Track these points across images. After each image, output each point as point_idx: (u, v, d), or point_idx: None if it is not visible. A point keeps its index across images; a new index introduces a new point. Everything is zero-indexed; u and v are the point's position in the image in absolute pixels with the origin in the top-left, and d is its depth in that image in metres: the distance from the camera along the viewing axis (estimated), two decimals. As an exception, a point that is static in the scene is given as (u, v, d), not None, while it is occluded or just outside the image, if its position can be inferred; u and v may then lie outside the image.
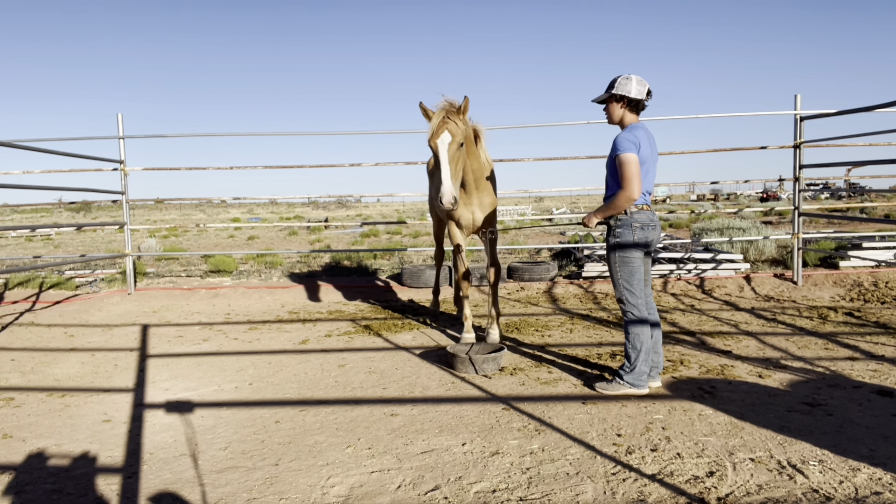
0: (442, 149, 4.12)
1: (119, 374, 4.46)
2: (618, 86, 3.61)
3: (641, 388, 3.63)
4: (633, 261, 3.63)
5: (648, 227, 3.62)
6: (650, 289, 3.83)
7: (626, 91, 3.59)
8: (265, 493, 2.59)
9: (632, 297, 3.63)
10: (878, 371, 3.95)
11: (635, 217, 3.60)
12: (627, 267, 3.63)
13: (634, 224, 3.59)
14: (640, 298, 3.64)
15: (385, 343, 5.20)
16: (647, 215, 3.63)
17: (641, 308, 3.64)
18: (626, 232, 3.61)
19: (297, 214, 43.24)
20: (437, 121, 4.16)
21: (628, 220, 3.60)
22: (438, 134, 4.13)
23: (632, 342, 3.64)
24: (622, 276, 3.64)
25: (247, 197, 8.29)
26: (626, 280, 3.63)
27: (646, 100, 3.65)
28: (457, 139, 4.15)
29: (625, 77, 3.61)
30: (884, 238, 8.22)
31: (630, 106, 3.64)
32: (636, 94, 3.58)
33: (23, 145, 6.22)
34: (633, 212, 3.60)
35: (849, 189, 9.01)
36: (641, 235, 3.60)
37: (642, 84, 3.60)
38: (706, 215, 17.38)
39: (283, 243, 16.94)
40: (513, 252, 11.14)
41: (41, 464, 2.94)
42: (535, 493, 2.52)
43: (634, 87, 3.58)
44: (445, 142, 4.12)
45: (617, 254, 3.65)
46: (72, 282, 8.41)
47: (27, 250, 16.49)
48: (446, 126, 4.14)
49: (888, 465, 2.63)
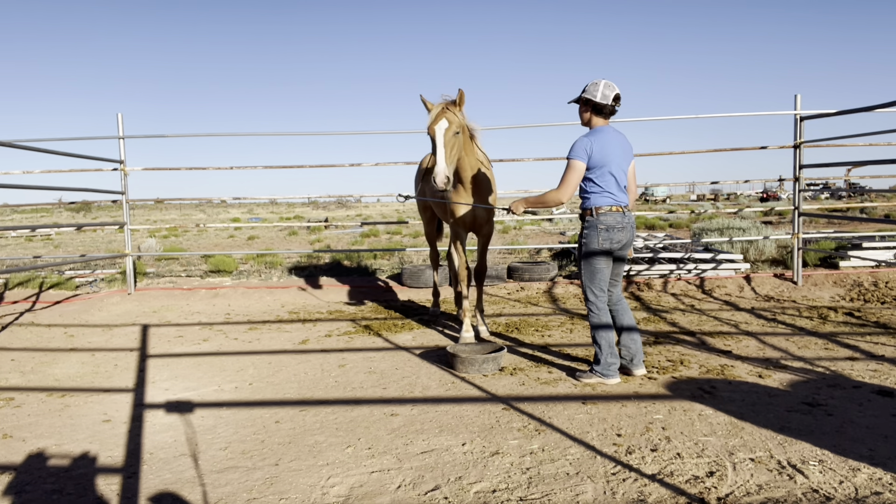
0: (439, 134, 4.47)
1: (119, 374, 4.46)
2: (587, 90, 3.83)
3: (610, 378, 3.86)
4: (595, 262, 3.83)
5: (615, 228, 3.77)
6: (619, 286, 4.05)
7: (592, 95, 3.80)
8: (265, 493, 2.59)
9: (592, 295, 3.87)
10: (878, 371, 3.95)
11: (601, 219, 3.78)
12: (590, 267, 3.85)
13: (600, 226, 3.78)
14: (601, 298, 3.87)
15: (385, 343, 5.20)
16: (614, 217, 3.78)
17: (602, 306, 3.88)
18: (592, 233, 3.80)
19: (297, 214, 43.24)
20: (437, 111, 4.55)
21: (594, 222, 3.79)
22: (437, 121, 4.51)
23: (595, 337, 3.89)
24: (585, 274, 3.88)
25: (247, 197, 8.30)
26: (589, 279, 3.86)
27: (613, 105, 3.82)
28: (453, 126, 4.50)
29: (593, 82, 3.82)
30: (884, 238, 8.22)
31: (595, 110, 3.83)
32: (601, 99, 3.78)
33: (23, 145, 6.22)
34: (601, 213, 3.78)
35: (849, 189, 9.01)
36: (606, 237, 3.77)
37: (609, 88, 3.79)
38: (706, 215, 17.38)
39: (283, 243, 16.94)
40: (513, 252, 11.14)
41: (41, 464, 2.94)
42: (535, 493, 2.52)
43: (600, 92, 3.78)
44: (443, 128, 4.47)
45: (582, 253, 3.88)
46: (72, 282, 8.41)
47: (27, 250, 16.49)
48: (444, 115, 4.51)
49: (888, 465, 2.64)
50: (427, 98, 4.68)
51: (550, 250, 10.87)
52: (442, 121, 4.48)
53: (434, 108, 4.58)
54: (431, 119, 4.53)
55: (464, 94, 4.57)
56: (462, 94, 4.58)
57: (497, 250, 11.12)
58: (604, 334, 3.86)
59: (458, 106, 4.61)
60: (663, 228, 18.13)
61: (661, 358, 4.41)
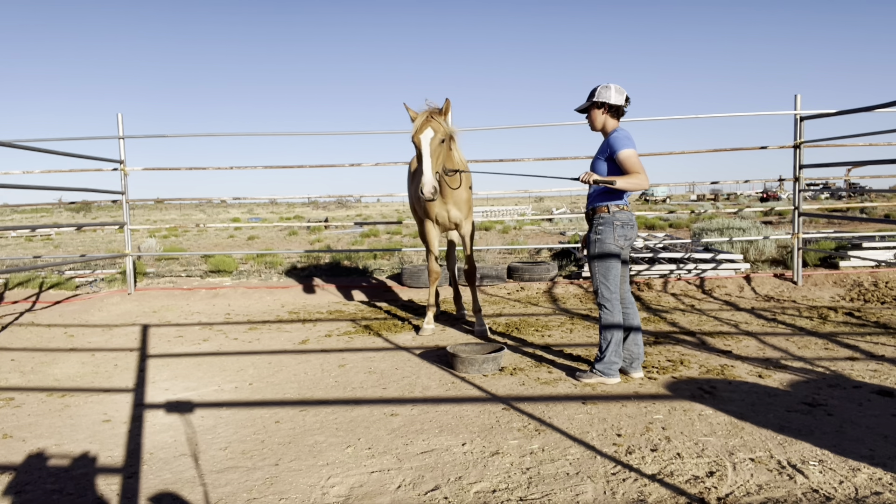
0: (424, 143, 4.48)
1: (119, 374, 4.46)
2: (598, 94, 3.90)
3: (611, 378, 3.87)
4: (611, 257, 3.88)
5: (627, 225, 3.88)
6: (627, 285, 4.09)
7: (607, 98, 3.88)
8: (265, 493, 2.59)
9: (607, 292, 3.89)
10: (878, 371, 3.95)
11: (617, 216, 3.86)
12: (605, 263, 3.88)
13: (616, 222, 3.85)
14: (615, 294, 3.89)
15: (385, 343, 5.20)
16: (626, 215, 3.89)
17: (615, 303, 3.89)
18: (608, 229, 3.85)
19: (297, 214, 43.23)
20: (422, 119, 4.56)
21: (610, 219, 3.86)
22: (422, 130, 4.51)
23: (604, 334, 3.91)
24: (599, 271, 3.90)
25: (247, 197, 8.30)
26: (603, 275, 3.89)
27: (625, 105, 3.93)
28: (438, 135, 4.51)
29: (604, 86, 3.90)
30: (884, 238, 8.22)
31: (611, 112, 3.92)
32: (616, 101, 3.88)
33: (23, 145, 6.22)
34: (615, 210, 3.86)
35: (849, 189, 9.01)
36: (622, 233, 3.85)
37: (620, 92, 3.90)
38: (706, 215, 17.38)
39: (283, 243, 16.94)
40: (513, 252, 11.14)
41: (41, 464, 2.94)
42: (535, 493, 2.52)
43: (614, 95, 3.88)
44: (428, 137, 4.49)
45: (597, 249, 3.90)
46: (72, 282, 8.40)
47: (27, 250, 16.49)
48: (430, 124, 4.52)
49: (888, 465, 2.64)
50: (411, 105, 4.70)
51: (550, 250, 10.87)
52: (427, 130, 4.49)
53: (419, 117, 4.58)
54: (416, 128, 4.53)
55: (450, 103, 4.60)
56: (448, 104, 4.61)
57: (497, 250, 11.11)
58: (614, 333, 3.88)
59: (443, 115, 4.63)
60: (663, 228, 18.13)
61: (661, 358, 4.41)
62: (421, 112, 4.65)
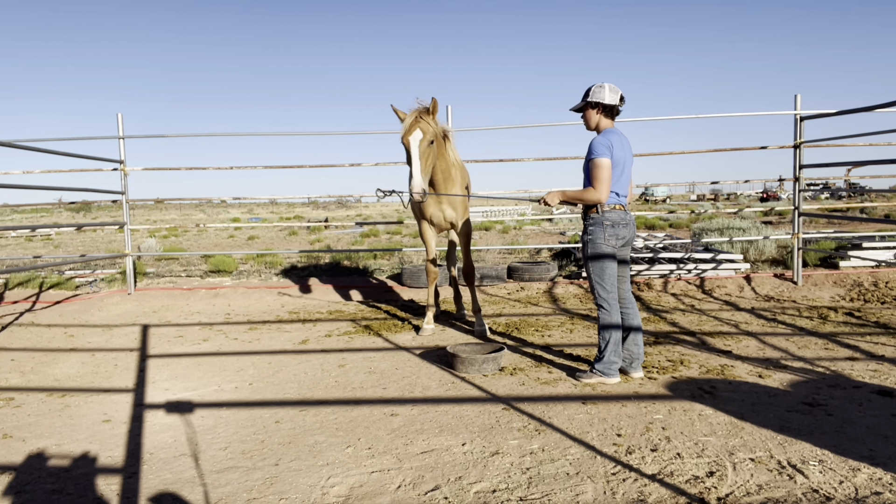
0: (413, 145, 4.48)
1: (119, 374, 4.46)
2: (593, 94, 3.90)
3: (611, 378, 3.87)
4: (604, 258, 3.88)
5: (619, 224, 3.87)
6: (627, 285, 4.08)
7: (601, 98, 3.88)
8: (265, 493, 2.59)
9: (603, 291, 3.90)
10: (878, 371, 3.95)
11: (606, 216, 3.86)
12: (599, 263, 3.89)
13: (605, 222, 3.85)
14: (612, 293, 3.90)
15: (385, 343, 5.20)
16: (618, 214, 3.88)
17: (612, 302, 3.90)
18: (598, 230, 3.86)
19: (297, 214, 43.22)
20: (410, 120, 4.54)
21: (600, 219, 3.86)
22: (411, 132, 4.51)
23: (602, 334, 3.91)
24: (594, 271, 3.91)
25: (247, 197, 8.30)
26: (598, 275, 3.90)
27: (619, 105, 3.92)
28: (427, 136, 4.51)
29: (598, 85, 3.90)
30: (884, 238, 8.22)
31: (605, 112, 3.91)
32: (610, 101, 3.88)
33: (23, 145, 6.22)
34: (605, 211, 3.86)
35: (849, 189, 9.01)
36: (612, 233, 3.86)
37: (615, 91, 3.90)
38: (706, 215, 17.38)
39: (283, 243, 16.94)
40: (513, 252, 11.14)
41: (41, 464, 2.94)
42: (535, 493, 2.52)
43: (608, 94, 3.87)
44: (417, 139, 4.48)
45: (589, 250, 3.91)
46: (72, 282, 8.41)
47: (27, 250, 16.49)
48: (418, 125, 4.51)
49: (888, 465, 2.63)
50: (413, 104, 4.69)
51: (550, 250, 10.87)
52: (416, 131, 4.49)
53: (407, 118, 4.57)
54: (405, 130, 4.53)
55: (437, 102, 4.62)
56: (435, 103, 4.62)
57: (497, 250, 11.11)
58: (612, 332, 3.88)
59: (431, 114, 4.62)
60: (663, 228, 18.14)
61: (661, 358, 4.41)
62: (409, 112, 4.65)
